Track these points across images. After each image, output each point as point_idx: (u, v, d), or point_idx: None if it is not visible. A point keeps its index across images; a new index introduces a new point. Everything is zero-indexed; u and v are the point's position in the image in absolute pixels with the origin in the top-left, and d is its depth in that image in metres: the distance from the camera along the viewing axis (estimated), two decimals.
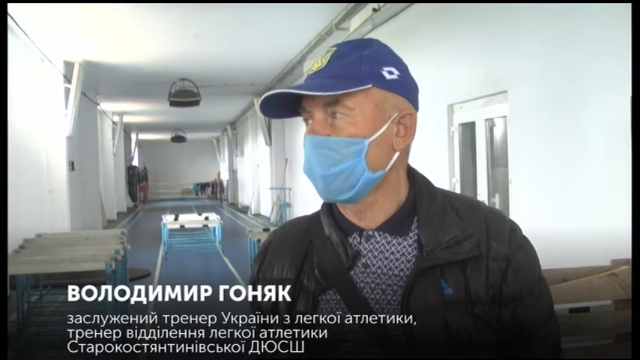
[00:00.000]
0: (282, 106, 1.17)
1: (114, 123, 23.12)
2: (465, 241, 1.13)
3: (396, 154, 1.15)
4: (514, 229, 1.18)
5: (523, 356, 1.15)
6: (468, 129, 6.12)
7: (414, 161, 1.24)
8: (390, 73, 1.14)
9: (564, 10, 4.40)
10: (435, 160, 6.35)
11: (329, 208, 1.23)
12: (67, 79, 11.97)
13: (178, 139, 30.44)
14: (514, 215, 4.87)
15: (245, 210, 25.37)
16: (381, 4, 7.49)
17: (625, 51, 3.21)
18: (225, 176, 35.71)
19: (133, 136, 32.09)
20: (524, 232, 1.20)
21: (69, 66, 12.06)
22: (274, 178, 19.45)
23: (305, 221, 1.28)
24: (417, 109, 1.20)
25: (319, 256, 1.18)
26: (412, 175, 1.21)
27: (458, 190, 6.12)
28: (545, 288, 1.19)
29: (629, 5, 2.68)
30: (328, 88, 1.10)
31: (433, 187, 1.21)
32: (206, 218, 14.28)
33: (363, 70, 1.12)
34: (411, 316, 1.09)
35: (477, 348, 1.10)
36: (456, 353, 1.09)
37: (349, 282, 1.15)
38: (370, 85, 1.12)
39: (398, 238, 1.16)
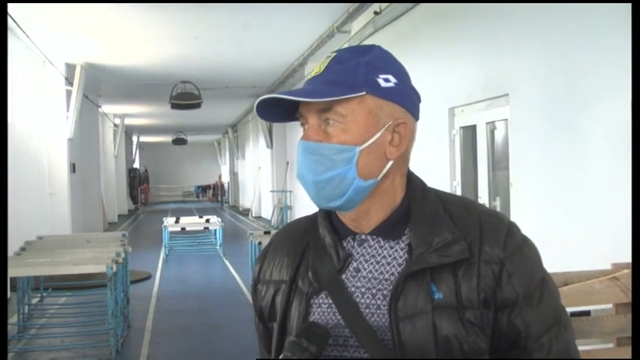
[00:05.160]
0: (280, 110, 1.16)
1: (115, 125, 23.14)
2: (455, 244, 1.09)
3: (389, 163, 1.13)
4: (511, 231, 1.13)
5: None
6: (469, 132, 6.11)
7: (414, 165, 1.23)
8: (387, 80, 1.12)
9: (566, 13, 4.40)
10: (436, 164, 6.34)
11: (326, 209, 1.21)
12: (69, 81, 11.98)
13: (179, 141, 30.50)
14: (515, 218, 4.85)
15: (246, 212, 25.36)
16: (383, 5, 7.49)
17: (627, 54, 3.21)
18: (226, 179, 35.72)
19: (135, 139, 32.13)
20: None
21: (70, 68, 12.06)
22: (275, 180, 19.45)
23: (305, 222, 1.26)
24: (416, 118, 1.18)
25: (313, 258, 1.17)
26: (410, 180, 1.19)
27: (459, 194, 6.11)
28: (550, 294, 1.13)
29: (629, 7, 2.68)
30: (320, 94, 1.09)
31: (427, 190, 1.19)
32: (207, 221, 14.28)
33: (358, 77, 1.10)
34: (399, 321, 1.07)
35: (468, 354, 1.06)
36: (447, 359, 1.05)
37: (340, 286, 1.13)
38: (364, 93, 1.10)
39: (390, 242, 1.14)
